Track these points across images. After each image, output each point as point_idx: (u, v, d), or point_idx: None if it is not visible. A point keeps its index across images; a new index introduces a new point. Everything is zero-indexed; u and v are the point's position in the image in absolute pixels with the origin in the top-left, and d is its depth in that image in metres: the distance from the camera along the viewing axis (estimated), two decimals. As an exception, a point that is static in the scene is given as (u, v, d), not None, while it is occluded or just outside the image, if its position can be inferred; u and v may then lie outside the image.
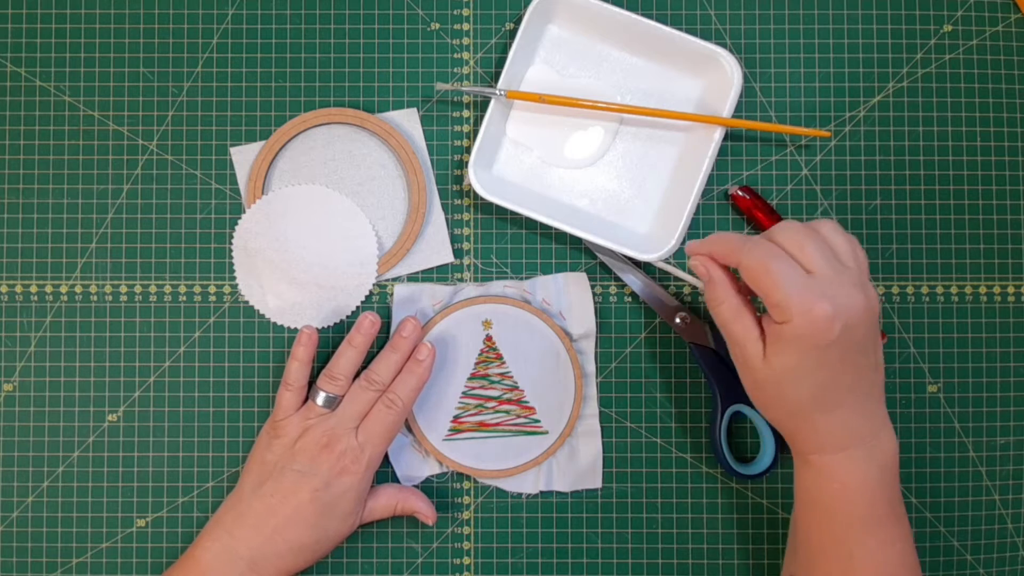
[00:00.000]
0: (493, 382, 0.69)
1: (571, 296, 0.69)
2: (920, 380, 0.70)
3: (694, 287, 0.70)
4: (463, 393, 0.69)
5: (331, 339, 0.70)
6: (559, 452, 0.69)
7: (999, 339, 0.70)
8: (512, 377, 0.69)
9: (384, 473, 0.69)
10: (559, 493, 0.69)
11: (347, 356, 0.66)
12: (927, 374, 0.70)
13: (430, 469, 0.69)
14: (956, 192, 0.71)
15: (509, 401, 0.69)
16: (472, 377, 0.69)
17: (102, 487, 0.69)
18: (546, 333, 0.69)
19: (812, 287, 0.55)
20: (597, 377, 0.70)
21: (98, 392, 0.69)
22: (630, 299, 0.70)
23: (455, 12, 0.71)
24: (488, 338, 0.69)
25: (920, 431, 0.70)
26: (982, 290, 0.70)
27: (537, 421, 0.69)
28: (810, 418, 0.59)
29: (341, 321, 0.70)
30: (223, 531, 0.63)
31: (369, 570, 0.69)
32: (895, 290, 0.70)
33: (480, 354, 0.69)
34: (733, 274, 0.60)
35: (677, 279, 0.70)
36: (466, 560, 0.69)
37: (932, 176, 0.71)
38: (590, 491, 0.69)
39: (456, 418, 0.69)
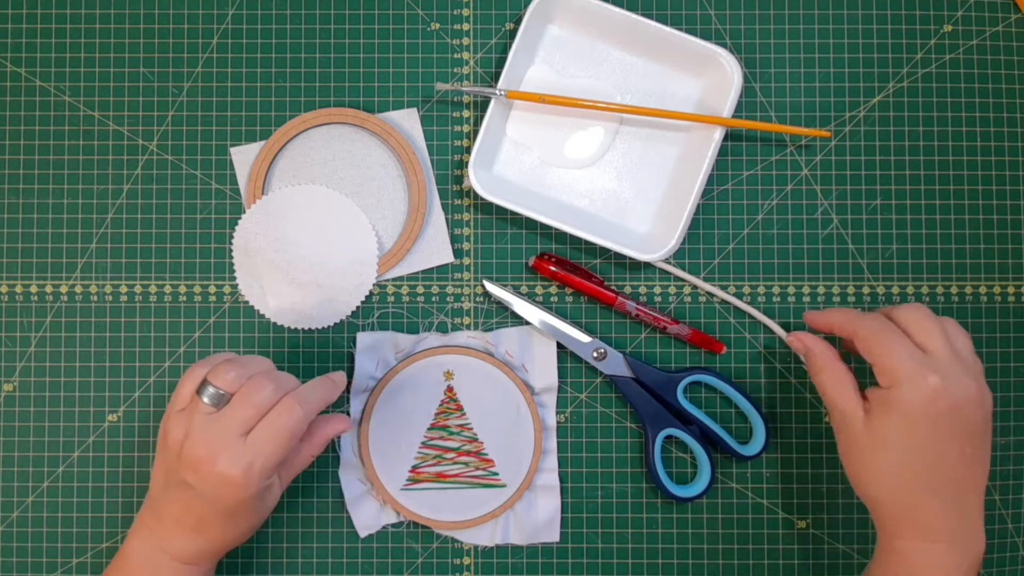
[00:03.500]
0: (452, 433, 0.69)
1: (534, 349, 0.69)
2: (920, 380, 0.70)
3: (695, 287, 0.70)
4: (422, 443, 0.68)
5: (331, 339, 0.69)
6: (516, 505, 0.69)
7: (999, 339, 0.70)
8: (472, 429, 0.69)
9: (340, 518, 0.69)
10: (562, 483, 0.69)
11: (260, 362, 0.60)
12: (927, 374, 0.70)
13: (387, 518, 0.69)
14: (956, 192, 0.71)
15: (468, 453, 0.69)
16: (432, 427, 0.69)
17: (102, 487, 0.69)
18: (507, 385, 0.68)
19: (924, 361, 0.57)
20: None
21: (98, 392, 0.69)
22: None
23: (455, 12, 0.71)
24: (449, 389, 0.69)
25: (920, 431, 0.70)
26: (982, 290, 0.70)
27: (495, 474, 0.68)
28: (905, 498, 0.58)
29: (341, 321, 0.70)
30: (147, 530, 0.61)
31: (369, 570, 0.69)
32: (895, 290, 0.70)
33: (440, 404, 0.69)
34: (833, 346, 0.63)
35: (678, 278, 0.70)
36: (466, 560, 0.69)
37: (932, 176, 0.71)
38: (591, 483, 0.69)
39: (415, 468, 0.68)
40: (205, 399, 0.58)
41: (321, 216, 0.69)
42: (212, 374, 0.58)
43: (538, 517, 0.69)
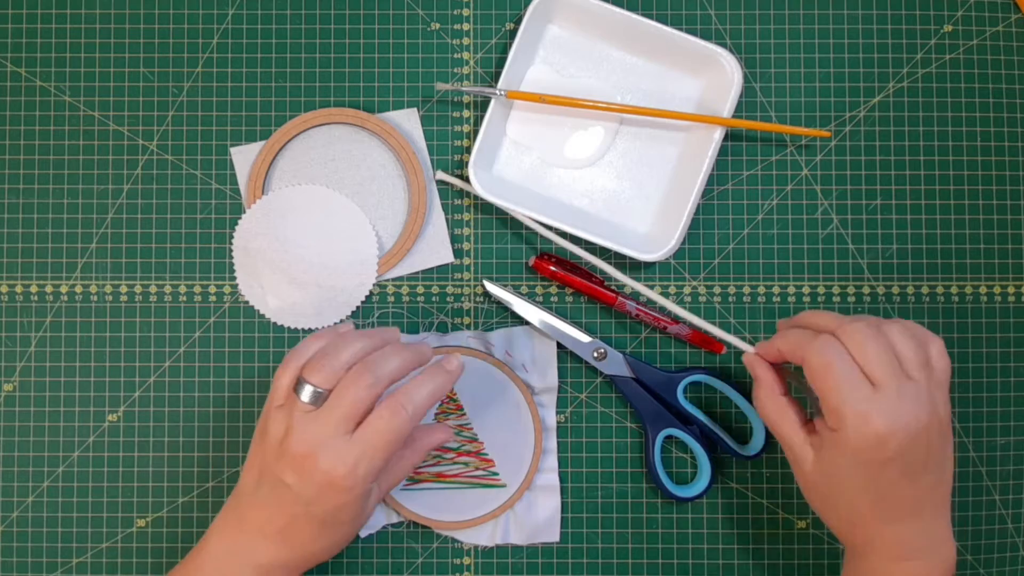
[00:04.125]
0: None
1: (534, 349, 0.69)
2: (920, 380, 0.70)
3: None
4: None
5: (331, 339, 0.70)
6: (516, 505, 0.69)
7: (999, 339, 0.70)
8: (471, 428, 0.69)
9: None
10: (562, 483, 0.69)
11: (352, 345, 0.57)
12: (927, 374, 0.70)
13: (387, 518, 0.69)
14: (956, 192, 0.71)
15: (468, 453, 0.68)
16: None
17: (102, 487, 0.69)
18: (507, 385, 0.68)
19: (870, 400, 0.54)
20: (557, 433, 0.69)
21: (98, 392, 0.69)
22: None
23: (455, 12, 0.71)
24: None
25: (920, 431, 0.70)
26: (982, 290, 0.70)
27: (495, 474, 0.68)
28: (867, 527, 0.57)
29: (341, 321, 0.69)
30: (228, 534, 0.59)
31: (369, 570, 0.69)
32: (895, 290, 0.70)
33: (440, 404, 0.69)
34: (780, 374, 0.60)
35: (677, 277, 0.70)
36: (466, 560, 0.69)
37: (932, 176, 0.71)
38: (591, 483, 0.69)
39: (415, 468, 0.68)
40: (304, 398, 0.56)
41: (321, 216, 0.69)
42: (307, 370, 0.57)
43: (538, 517, 0.69)
